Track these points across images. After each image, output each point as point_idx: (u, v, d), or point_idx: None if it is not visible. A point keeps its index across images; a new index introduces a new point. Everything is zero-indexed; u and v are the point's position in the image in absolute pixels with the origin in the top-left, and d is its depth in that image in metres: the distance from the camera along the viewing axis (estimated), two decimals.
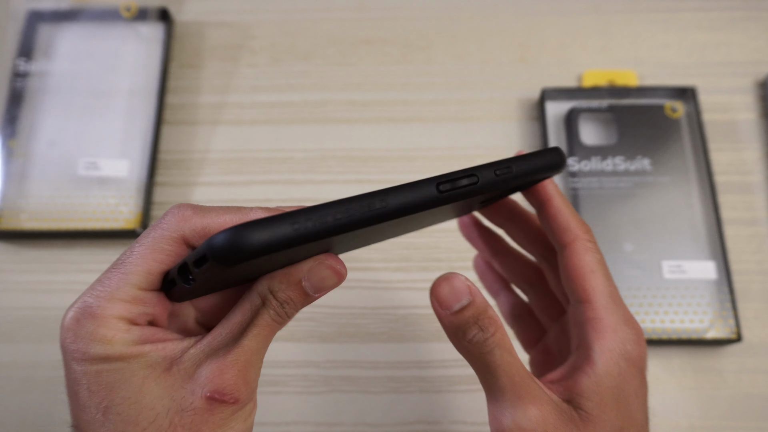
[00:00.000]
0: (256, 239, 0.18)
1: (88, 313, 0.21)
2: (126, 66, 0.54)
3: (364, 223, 0.20)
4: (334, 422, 0.44)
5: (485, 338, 0.23)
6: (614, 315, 0.25)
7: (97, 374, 0.21)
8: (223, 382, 0.22)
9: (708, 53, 0.56)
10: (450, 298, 0.23)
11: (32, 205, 0.49)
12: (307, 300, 0.24)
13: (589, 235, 0.27)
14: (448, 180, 0.22)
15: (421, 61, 0.56)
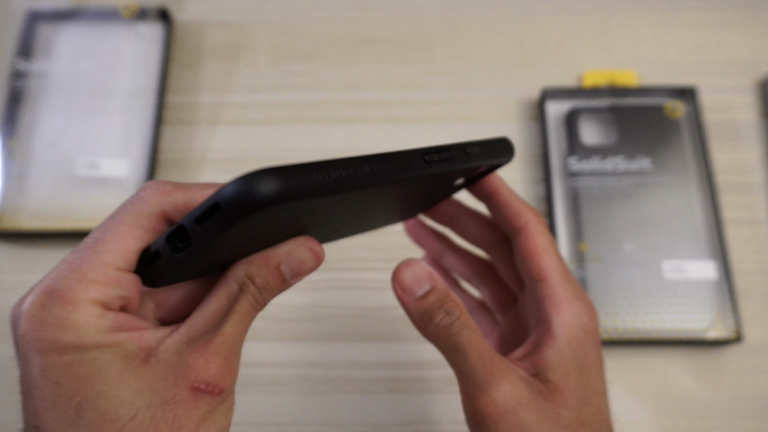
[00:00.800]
0: (272, 184, 0.17)
1: (56, 297, 0.19)
2: (126, 66, 0.54)
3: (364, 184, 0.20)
4: (334, 422, 0.44)
5: (451, 321, 0.24)
6: (569, 290, 0.27)
7: (67, 367, 0.19)
8: (207, 371, 0.20)
9: (708, 53, 0.56)
10: (413, 283, 0.24)
11: (32, 205, 0.49)
12: (284, 286, 0.23)
13: (539, 218, 0.28)
14: (433, 151, 0.23)
15: (421, 61, 0.56)
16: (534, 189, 0.51)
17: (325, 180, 0.18)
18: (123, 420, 0.19)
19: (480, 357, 0.24)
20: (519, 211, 0.28)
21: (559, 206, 0.49)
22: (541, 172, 0.51)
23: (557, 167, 0.51)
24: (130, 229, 0.21)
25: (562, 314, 0.26)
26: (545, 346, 0.26)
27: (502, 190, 0.29)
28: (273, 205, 0.17)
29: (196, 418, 0.20)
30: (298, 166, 0.18)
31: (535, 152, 0.52)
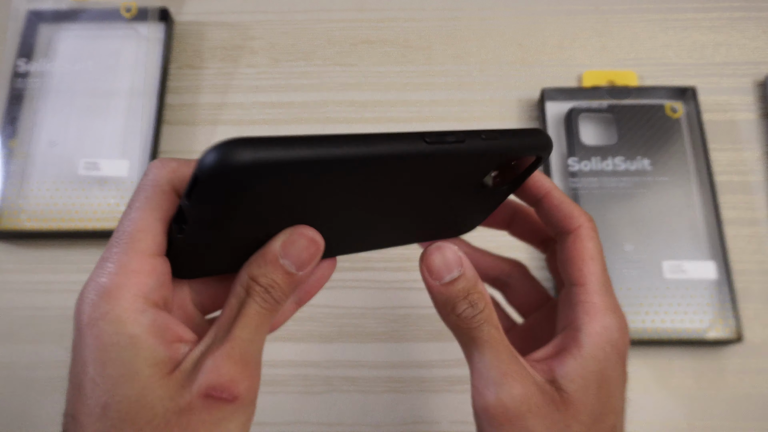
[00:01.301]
0: (248, 152, 0.16)
1: (103, 293, 0.20)
2: (126, 66, 0.54)
3: (352, 160, 0.19)
4: (334, 422, 0.44)
5: (474, 314, 0.24)
6: (605, 301, 0.25)
7: (103, 365, 0.20)
8: (219, 377, 0.20)
9: (708, 53, 0.56)
10: (441, 268, 0.24)
11: (32, 205, 0.49)
12: (292, 279, 0.23)
13: (592, 223, 0.27)
14: (436, 134, 0.21)
15: (421, 61, 0.56)
16: None
17: (305, 151, 0.17)
18: (140, 423, 0.20)
19: (496, 355, 0.24)
20: (572, 214, 0.27)
21: None
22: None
23: (557, 167, 0.51)
24: (150, 212, 0.21)
25: (592, 324, 0.25)
26: (568, 355, 0.24)
27: (554, 192, 0.27)
28: (247, 174, 0.17)
29: (209, 424, 0.20)
30: (278, 137, 0.17)
31: None
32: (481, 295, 0.24)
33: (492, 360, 0.24)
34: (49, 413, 0.44)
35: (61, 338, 0.46)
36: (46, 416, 0.44)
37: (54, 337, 0.46)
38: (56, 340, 0.46)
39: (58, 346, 0.46)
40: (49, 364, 0.45)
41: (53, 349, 0.46)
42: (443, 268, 0.24)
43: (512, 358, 0.24)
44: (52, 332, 0.46)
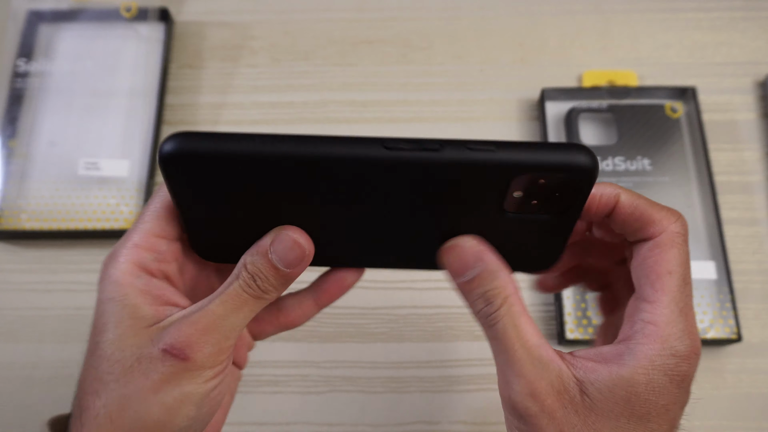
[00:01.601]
0: (171, 144, 0.21)
1: (109, 259, 0.25)
2: (126, 66, 0.54)
3: (289, 158, 0.20)
4: (334, 422, 0.44)
5: (490, 312, 0.23)
6: (673, 325, 0.23)
7: (100, 314, 0.24)
8: (177, 338, 0.23)
9: (708, 53, 0.56)
10: (460, 267, 0.24)
11: (32, 205, 0.49)
12: (279, 274, 0.24)
13: (679, 226, 0.24)
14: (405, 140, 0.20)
15: (421, 61, 0.56)
16: None
17: (232, 146, 0.20)
18: (112, 360, 0.23)
19: (512, 354, 0.23)
20: (651, 219, 0.23)
21: None
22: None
23: None
24: (160, 202, 0.25)
25: (647, 348, 0.22)
26: (607, 367, 0.23)
27: (623, 200, 0.24)
28: (176, 161, 0.21)
29: (161, 374, 0.23)
30: (216, 133, 0.21)
31: None
32: (499, 290, 0.23)
33: (506, 358, 0.23)
34: (49, 413, 0.44)
35: (61, 338, 0.46)
36: (47, 416, 0.44)
37: (54, 337, 0.46)
38: (56, 340, 0.46)
39: (58, 346, 0.46)
40: (49, 364, 0.45)
41: (53, 349, 0.46)
42: (461, 267, 0.24)
43: (530, 357, 0.23)
44: (52, 332, 0.46)
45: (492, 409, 0.44)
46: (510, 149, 0.21)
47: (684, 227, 0.24)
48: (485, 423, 0.44)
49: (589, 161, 0.21)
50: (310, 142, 0.20)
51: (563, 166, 0.21)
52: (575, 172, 0.21)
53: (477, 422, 0.44)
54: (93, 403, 0.24)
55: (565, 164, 0.21)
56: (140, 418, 0.23)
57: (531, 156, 0.21)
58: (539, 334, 0.24)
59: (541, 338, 0.23)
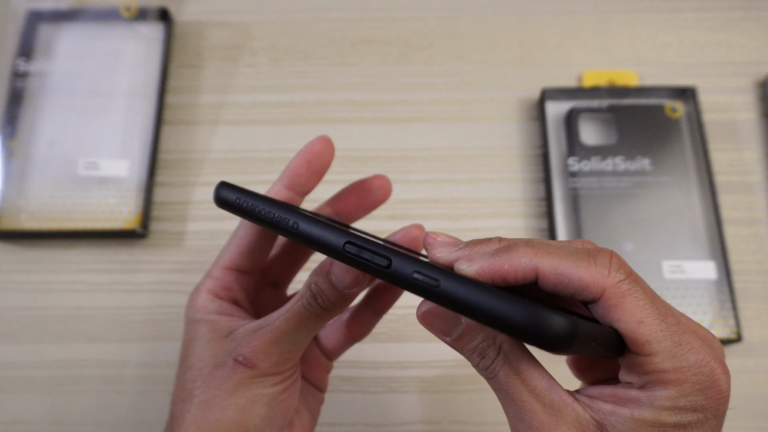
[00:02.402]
0: (219, 193, 0.25)
1: (196, 287, 0.30)
2: (126, 66, 0.54)
3: (277, 230, 0.23)
4: (334, 422, 0.44)
5: (486, 365, 0.22)
6: (681, 362, 0.20)
7: (188, 332, 0.29)
8: (246, 349, 0.27)
9: (708, 53, 0.56)
10: (441, 329, 0.22)
11: (32, 205, 0.49)
12: (338, 294, 0.26)
13: (615, 275, 0.21)
14: (358, 245, 0.20)
15: (421, 61, 0.56)
16: (534, 189, 0.51)
17: (253, 206, 0.24)
18: (194, 370, 0.28)
19: (521, 405, 0.21)
20: (582, 285, 0.21)
21: (559, 206, 0.49)
22: (541, 172, 0.51)
23: (557, 167, 0.51)
24: (234, 238, 0.30)
25: (668, 391, 0.20)
26: (627, 409, 0.21)
27: (544, 272, 0.21)
28: (221, 203, 0.25)
29: (234, 380, 0.27)
30: (241, 190, 0.25)
31: (535, 152, 0.52)
32: (490, 341, 0.21)
33: (516, 411, 0.21)
34: (49, 413, 0.44)
35: (61, 338, 0.46)
36: (47, 416, 0.44)
37: (54, 337, 0.46)
38: (56, 340, 0.46)
39: (58, 346, 0.46)
40: (49, 364, 0.45)
41: (53, 349, 0.46)
42: (441, 329, 0.22)
43: (537, 404, 0.21)
44: (52, 332, 0.46)
45: (492, 409, 0.44)
46: (456, 290, 0.19)
47: (621, 267, 0.21)
48: (485, 423, 0.44)
49: (530, 329, 0.18)
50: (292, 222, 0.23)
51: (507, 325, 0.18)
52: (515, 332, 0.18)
53: (477, 422, 0.44)
54: (180, 411, 0.28)
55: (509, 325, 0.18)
56: (219, 419, 0.27)
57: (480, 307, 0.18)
58: (548, 376, 0.21)
59: (550, 380, 0.21)
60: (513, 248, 0.21)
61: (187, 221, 0.50)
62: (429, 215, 0.50)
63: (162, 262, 0.48)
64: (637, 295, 0.21)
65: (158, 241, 0.49)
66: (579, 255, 0.21)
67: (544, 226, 0.49)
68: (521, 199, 0.50)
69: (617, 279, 0.21)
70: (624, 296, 0.20)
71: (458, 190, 0.51)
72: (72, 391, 0.45)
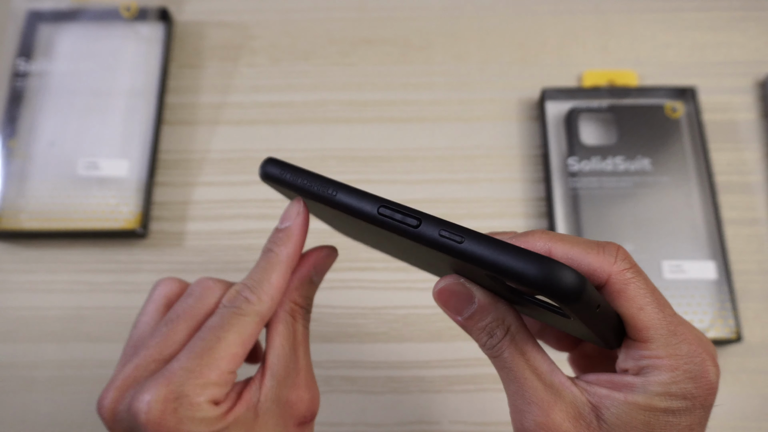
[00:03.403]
0: (266, 168, 0.26)
1: (185, 404, 0.24)
2: (126, 66, 0.54)
3: (318, 199, 0.25)
4: (334, 422, 0.44)
5: (494, 344, 0.23)
6: (676, 350, 0.22)
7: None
8: (304, 405, 0.26)
9: (708, 53, 0.56)
10: (454, 307, 0.23)
11: (32, 205, 0.49)
12: (316, 290, 0.28)
13: (620, 263, 0.22)
14: (392, 208, 0.23)
15: (421, 61, 0.56)
16: (534, 189, 0.51)
17: (296, 179, 0.25)
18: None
19: (522, 382, 0.22)
20: (590, 269, 0.22)
21: (559, 206, 0.49)
22: (541, 172, 0.51)
23: (557, 167, 0.51)
24: (238, 337, 0.26)
25: (660, 377, 0.22)
26: (621, 394, 0.22)
27: (556, 256, 0.22)
28: (266, 176, 0.26)
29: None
30: (284, 164, 0.26)
31: (535, 152, 0.52)
32: (498, 321, 0.23)
33: (517, 387, 0.23)
34: (49, 413, 0.44)
35: (61, 338, 0.46)
36: (47, 416, 0.44)
37: (54, 337, 0.46)
38: (56, 340, 0.46)
39: (58, 346, 0.46)
40: (49, 364, 0.45)
41: (53, 349, 0.46)
42: (455, 307, 0.23)
43: (539, 383, 0.22)
44: (52, 332, 0.46)
45: (492, 409, 0.44)
46: (480, 246, 0.20)
47: (626, 258, 0.22)
48: (485, 423, 0.44)
49: (553, 283, 0.19)
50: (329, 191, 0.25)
51: (532, 281, 0.19)
52: (541, 288, 0.19)
53: (477, 422, 0.44)
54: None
55: (533, 280, 0.19)
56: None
57: (503, 262, 0.20)
58: (549, 360, 0.23)
59: (552, 364, 0.23)
60: (530, 233, 0.23)
61: (187, 221, 0.50)
62: None
63: (162, 262, 0.48)
64: (639, 284, 0.22)
65: (158, 241, 0.49)
66: (589, 243, 0.23)
67: (544, 226, 0.49)
68: (521, 199, 0.50)
69: (622, 267, 0.22)
70: (627, 283, 0.22)
71: (458, 190, 0.51)
72: (72, 391, 0.45)
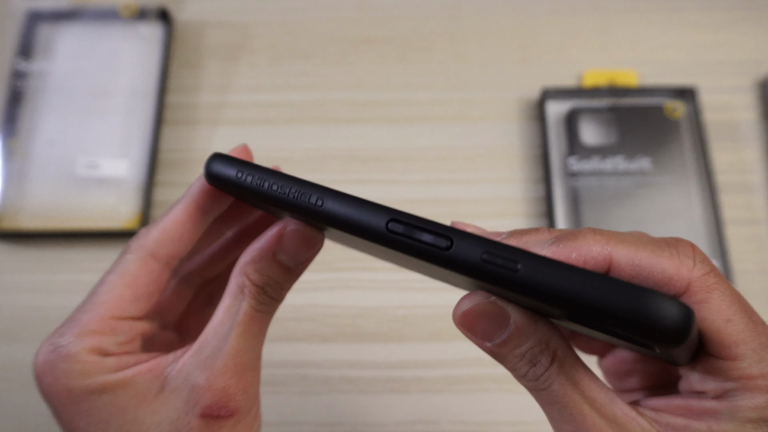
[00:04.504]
0: (212, 168, 0.20)
1: (60, 355, 0.20)
2: (126, 66, 0.54)
3: (295, 210, 0.19)
4: (334, 422, 0.44)
5: (538, 374, 0.18)
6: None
7: (88, 413, 0.20)
8: (214, 395, 0.20)
9: (708, 53, 0.55)
10: (482, 332, 0.19)
11: (32, 205, 0.49)
12: (289, 274, 0.22)
13: (701, 266, 0.18)
14: (407, 223, 0.17)
15: (421, 61, 0.56)
16: (534, 189, 0.51)
17: (261, 182, 0.19)
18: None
19: (582, 420, 0.18)
20: (665, 277, 0.18)
21: (559, 206, 0.49)
22: (541, 172, 0.51)
23: (557, 167, 0.51)
24: (120, 278, 0.22)
25: (753, 400, 0.18)
26: (707, 427, 0.18)
27: (619, 264, 0.18)
28: (213, 182, 0.21)
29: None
30: (242, 162, 0.20)
31: (535, 152, 0.52)
32: (542, 346, 0.18)
33: (573, 427, 0.19)
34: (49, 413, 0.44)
35: None
36: (47, 416, 0.44)
37: None
38: None
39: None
40: None
41: None
42: (483, 332, 0.19)
43: (600, 420, 0.18)
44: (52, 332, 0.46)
45: (492, 409, 0.44)
46: (544, 272, 0.16)
47: (704, 259, 0.18)
48: (485, 423, 0.44)
49: (652, 326, 0.15)
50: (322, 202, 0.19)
51: (624, 322, 0.15)
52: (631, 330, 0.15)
53: (477, 422, 0.44)
54: None
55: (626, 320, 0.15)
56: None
57: (578, 297, 0.16)
58: (605, 387, 0.19)
59: (609, 392, 0.19)
60: (580, 235, 0.18)
61: None
62: (429, 215, 0.50)
63: None
64: (723, 291, 0.18)
65: None
66: (658, 244, 0.18)
67: (545, 226, 0.49)
68: (521, 199, 0.50)
69: (703, 271, 0.18)
70: (711, 291, 0.18)
71: (458, 190, 0.51)
72: None
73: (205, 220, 0.23)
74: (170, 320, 0.26)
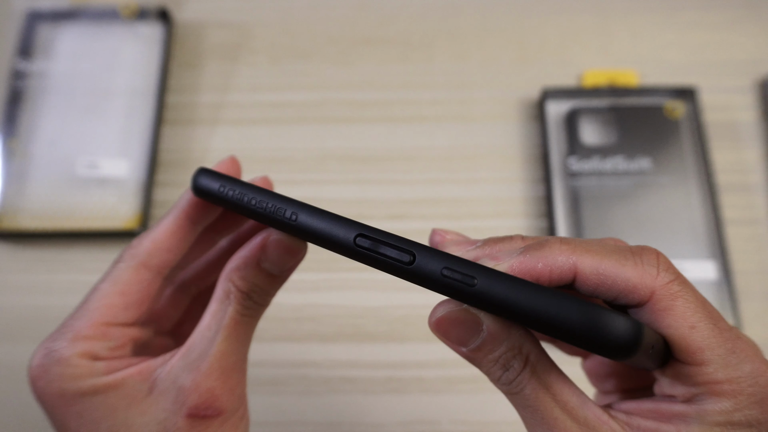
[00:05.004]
0: (197, 182, 0.22)
1: (53, 359, 0.21)
2: (126, 66, 0.54)
3: (271, 222, 0.20)
4: (334, 422, 0.44)
5: (511, 378, 0.19)
6: (736, 372, 0.18)
7: (79, 415, 0.21)
8: (200, 395, 0.21)
9: (708, 53, 0.55)
10: (456, 339, 0.19)
11: (32, 205, 0.49)
12: (274, 281, 0.23)
13: (664, 275, 0.19)
14: (374, 238, 0.18)
15: (421, 61, 0.56)
16: (534, 189, 0.51)
17: (241, 196, 0.20)
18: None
19: (553, 423, 0.18)
20: (628, 286, 0.18)
21: (559, 206, 0.49)
22: (541, 172, 0.51)
23: (557, 167, 0.51)
24: (112, 286, 0.22)
25: (720, 404, 0.18)
26: (672, 428, 0.18)
27: (584, 273, 0.19)
28: (199, 195, 0.22)
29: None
30: (224, 177, 0.21)
31: (535, 152, 0.52)
32: (515, 351, 0.19)
33: (544, 430, 0.19)
34: None
35: None
36: None
37: None
38: None
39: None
40: None
41: None
42: (457, 339, 0.19)
43: (570, 424, 0.19)
44: None
45: (492, 409, 0.44)
46: (497, 285, 0.17)
47: (669, 267, 0.19)
48: (485, 423, 0.44)
49: (595, 335, 0.16)
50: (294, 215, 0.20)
51: (569, 333, 0.16)
52: (576, 339, 0.16)
53: (477, 422, 0.44)
54: None
55: (572, 331, 0.16)
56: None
57: (533, 309, 0.17)
58: (578, 391, 0.19)
59: (581, 395, 0.19)
60: (546, 245, 0.19)
61: None
62: (429, 215, 0.50)
63: None
64: (688, 298, 0.18)
65: None
66: (622, 253, 0.19)
67: (545, 226, 0.49)
68: (521, 199, 0.50)
69: (667, 279, 0.18)
70: (675, 298, 0.18)
71: (458, 190, 0.51)
72: None
73: (195, 230, 0.24)
74: (166, 327, 0.27)
